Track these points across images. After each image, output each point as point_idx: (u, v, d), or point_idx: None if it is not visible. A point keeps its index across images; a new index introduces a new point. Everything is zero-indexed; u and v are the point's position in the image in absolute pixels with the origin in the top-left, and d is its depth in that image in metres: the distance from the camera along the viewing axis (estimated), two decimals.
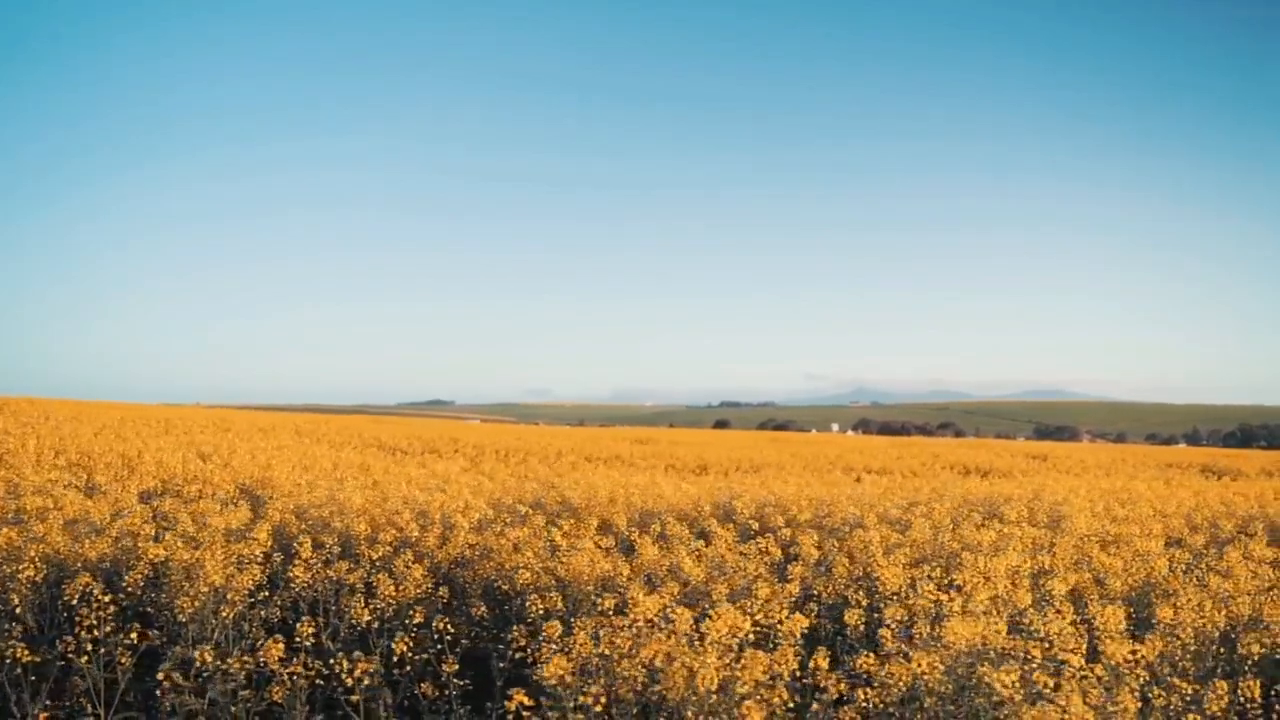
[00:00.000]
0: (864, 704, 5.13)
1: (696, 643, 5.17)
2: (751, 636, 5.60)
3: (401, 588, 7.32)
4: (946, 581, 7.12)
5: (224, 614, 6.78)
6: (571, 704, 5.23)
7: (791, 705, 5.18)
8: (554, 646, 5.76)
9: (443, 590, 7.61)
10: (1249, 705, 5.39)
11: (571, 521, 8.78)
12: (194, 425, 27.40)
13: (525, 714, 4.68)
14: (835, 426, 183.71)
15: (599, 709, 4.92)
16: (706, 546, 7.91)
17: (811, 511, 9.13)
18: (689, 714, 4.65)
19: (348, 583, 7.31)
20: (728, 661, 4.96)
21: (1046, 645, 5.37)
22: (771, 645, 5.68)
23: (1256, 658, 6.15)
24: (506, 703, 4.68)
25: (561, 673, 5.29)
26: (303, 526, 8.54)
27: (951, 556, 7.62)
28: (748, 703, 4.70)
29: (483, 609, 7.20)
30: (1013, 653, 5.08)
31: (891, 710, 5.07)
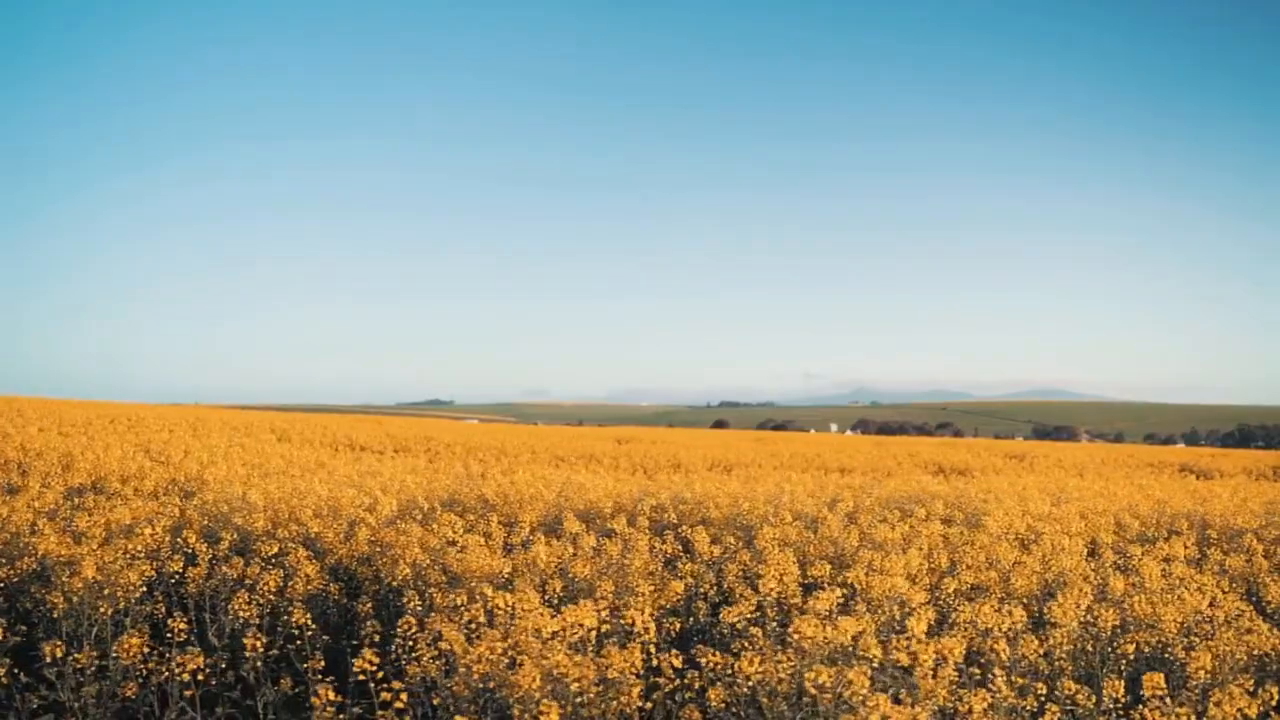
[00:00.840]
0: (716, 702, 5.04)
1: (547, 640, 5.09)
2: (605, 630, 5.53)
3: (291, 584, 7.26)
4: (839, 580, 7.02)
5: (103, 610, 6.68)
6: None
7: (643, 704, 5.10)
8: (409, 643, 5.68)
9: (334, 587, 7.52)
10: (1113, 704, 5.29)
11: (476, 517, 8.68)
12: (164, 424, 27.35)
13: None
14: (834, 426, 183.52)
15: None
16: (608, 543, 7.82)
17: (727, 509, 9.01)
18: (515, 711, 4.55)
19: (231, 578, 7.21)
20: (571, 658, 4.86)
21: (906, 645, 5.28)
22: (644, 642, 5.59)
23: (1131, 656, 6.06)
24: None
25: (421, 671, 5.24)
26: (204, 523, 8.44)
27: (849, 554, 7.51)
28: (570, 700, 4.61)
29: (368, 605, 7.10)
30: (861, 654, 4.97)
31: (734, 710, 4.97)
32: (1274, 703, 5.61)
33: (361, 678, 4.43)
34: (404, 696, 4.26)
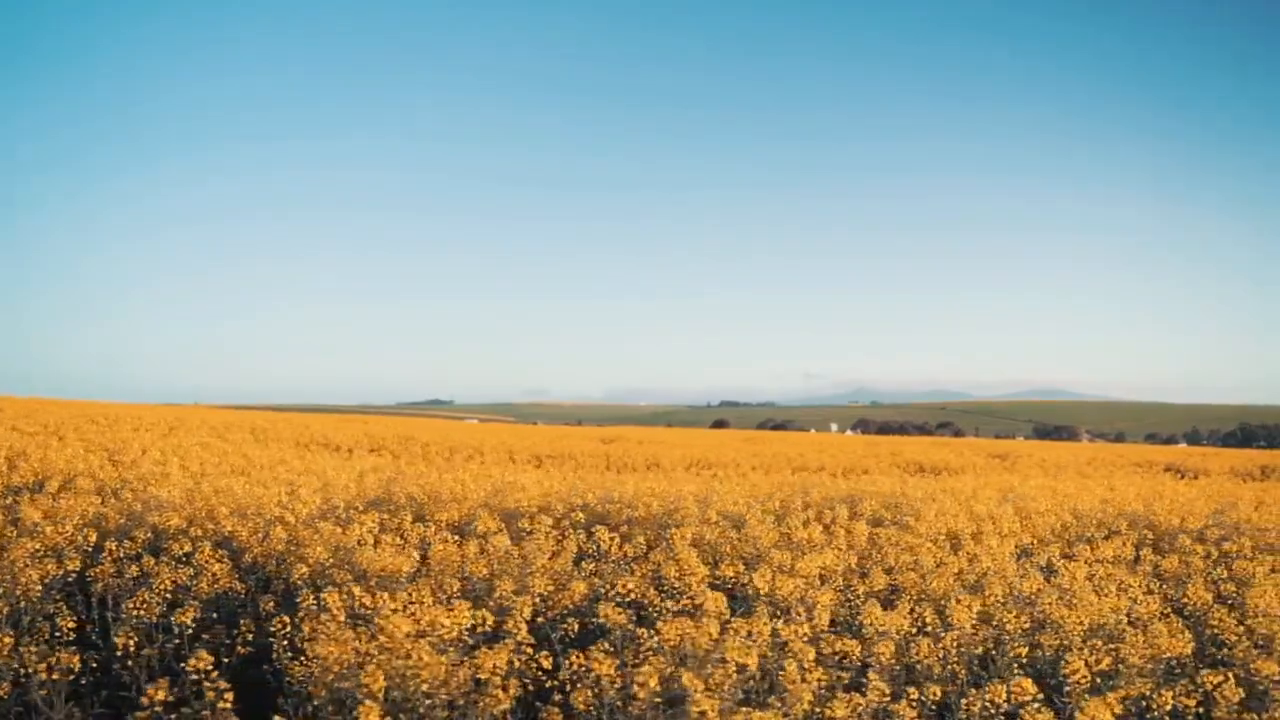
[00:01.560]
0: (581, 705, 4.95)
1: (410, 639, 5.00)
2: (487, 629, 5.44)
3: (197, 583, 7.19)
4: (743, 580, 6.93)
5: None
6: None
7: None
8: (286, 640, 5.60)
9: (240, 585, 7.44)
10: (993, 708, 5.20)
11: (393, 515, 8.59)
12: (141, 423, 27.29)
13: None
14: (834, 426, 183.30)
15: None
16: (524, 541, 7.74)
17: (655, 509, 8.92)
18: (359, 712, 4.46)
19: (133, 576, 7.14)
20: (429, 658, 4.77)
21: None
22: (520, 643, 5.51)
23: (1024, 660, 5.97)
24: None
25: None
26: (120, 521, 8.36)
27: (764, 555, 7.42)
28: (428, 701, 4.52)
29: (270, 603, 7.01)
30: (721, 658, 4.87)
31: (597, 712, 4.88)
32: (1168, 707, 5.54)
33: (195, 677, 4.33)
34: (229, 696, 4.17)
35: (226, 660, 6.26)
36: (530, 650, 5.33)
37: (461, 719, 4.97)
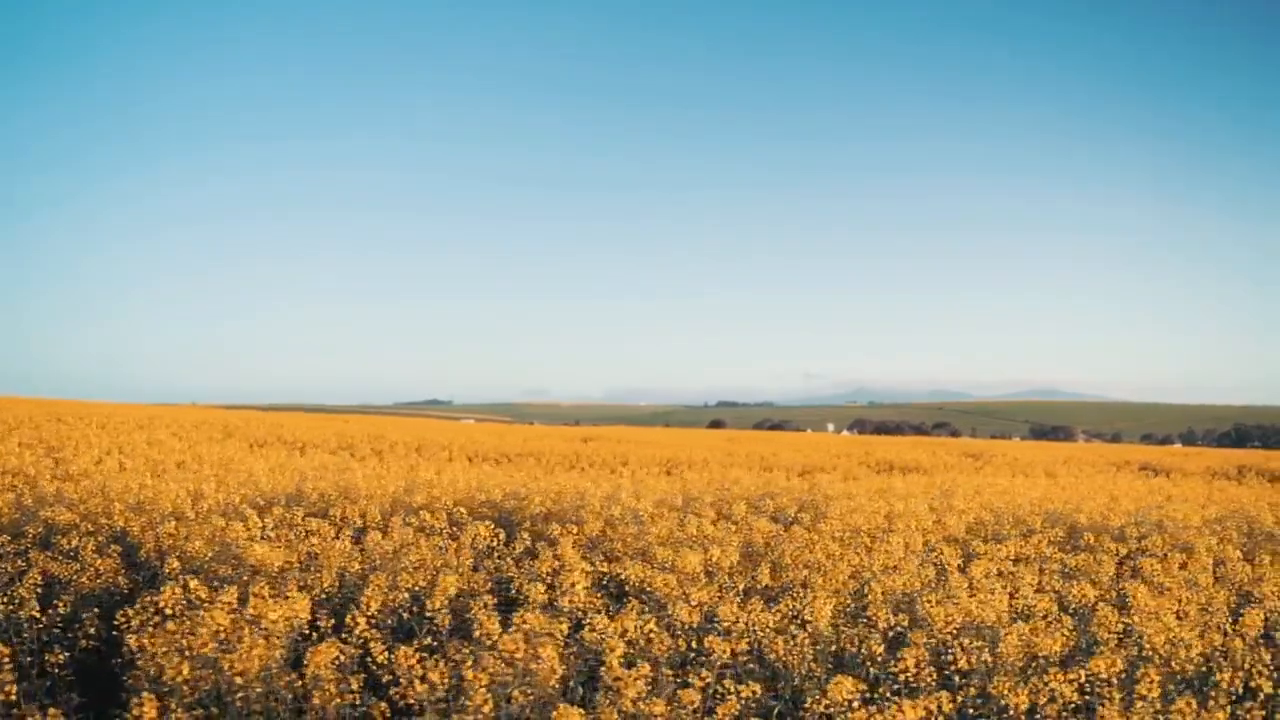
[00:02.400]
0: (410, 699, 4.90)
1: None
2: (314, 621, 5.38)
3: (79, 578, 7.15)
4: (616, 575, 6.89)
5: None
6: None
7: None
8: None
9: (123, 580, 7.38)
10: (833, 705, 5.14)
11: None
12: (110, 422, 27.33)
13: None
14: (831, 426, 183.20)
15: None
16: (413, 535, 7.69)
17: (553, 505, 8.87)
18: (170, 704, 4.41)
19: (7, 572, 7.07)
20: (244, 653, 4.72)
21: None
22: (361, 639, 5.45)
23: (880, 658, 5.91)
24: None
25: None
26: (15, 516, 8.31)
27: (651, 552, 7.37)
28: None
29: (146, 597, 6.94)
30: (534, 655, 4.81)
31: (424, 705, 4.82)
32: (1024, 707, 5.49)
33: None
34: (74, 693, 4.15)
35: (74, 652, 6.19)
36: (373, 645, 5.27)
37: (293, 714, 4.92)
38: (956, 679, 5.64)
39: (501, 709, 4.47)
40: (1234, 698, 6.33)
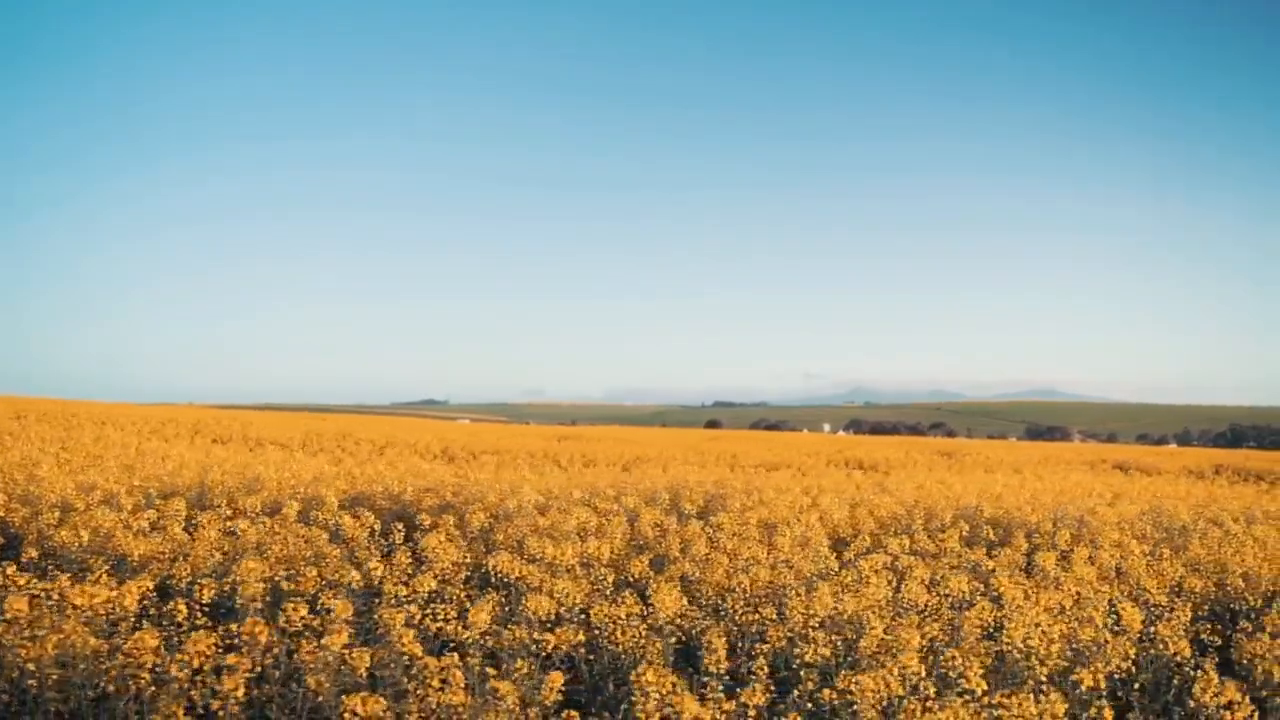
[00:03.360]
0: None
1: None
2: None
3: None
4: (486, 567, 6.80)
5: None
6: None
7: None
8: None
9: None
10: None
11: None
12: (71, 420, 27.28)
13: None
14: (827, 427, 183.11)
15: None
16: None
17: (451, 496, 8.78)
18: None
19: None
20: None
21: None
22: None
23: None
24: None
25: None
26: None
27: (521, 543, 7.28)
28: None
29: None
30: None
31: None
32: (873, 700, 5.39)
33: None
34: None
35: None
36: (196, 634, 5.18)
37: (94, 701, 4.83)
38: (802, 672, 5.55)
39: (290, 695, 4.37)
40: (1100, 694, 6.28)
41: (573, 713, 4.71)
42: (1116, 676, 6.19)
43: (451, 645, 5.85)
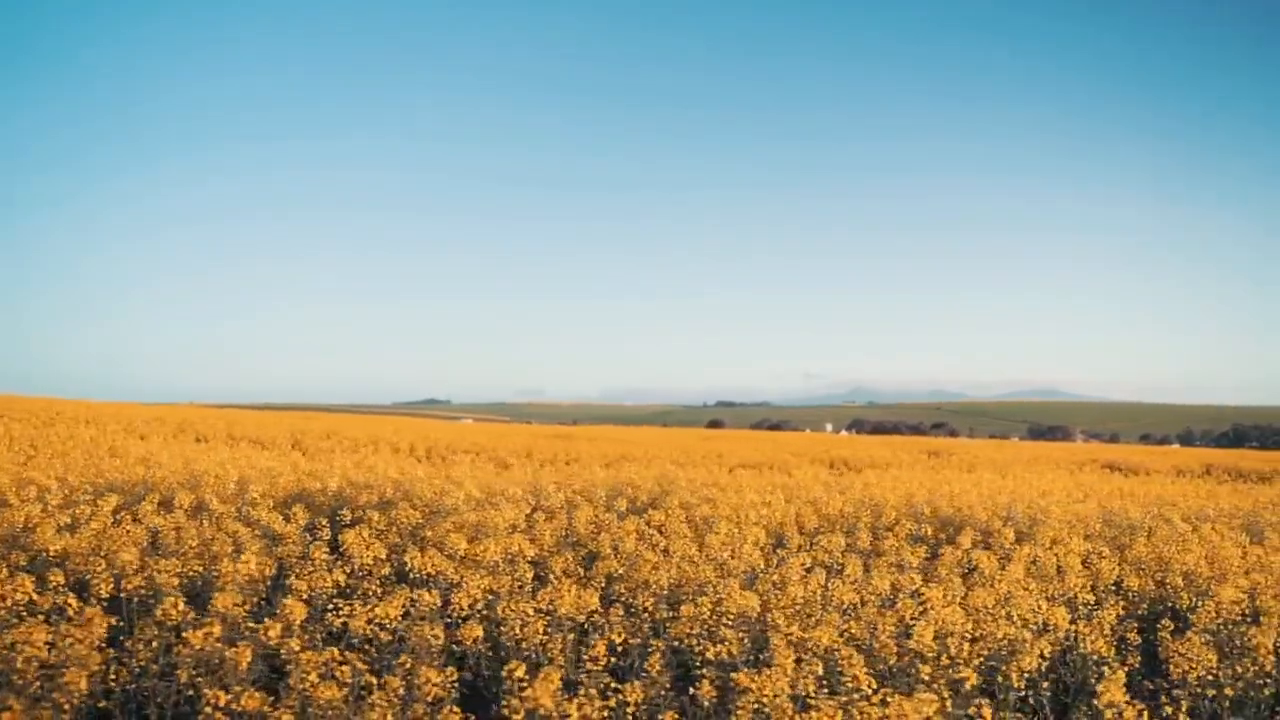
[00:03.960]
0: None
1: None
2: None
3: None
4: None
5: None
6: None
7: None
8: None
9: None
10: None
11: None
12: (55, 419, 27.37)
13: None
14: (829, 427, 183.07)
15: None
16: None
17: (388, 493, 8.76)
18: None
19: None
20: None
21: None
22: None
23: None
24: None
25: None
26: None
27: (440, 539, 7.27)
28: None
29: None
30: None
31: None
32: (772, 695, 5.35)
33: None
34: None
35: None
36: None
37: None
38: (704, 670, 5.51)
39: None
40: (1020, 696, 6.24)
41: (456, 709, 4.70)
42: (1029, 675, 6.15)
43: (358, 641, 5.84)
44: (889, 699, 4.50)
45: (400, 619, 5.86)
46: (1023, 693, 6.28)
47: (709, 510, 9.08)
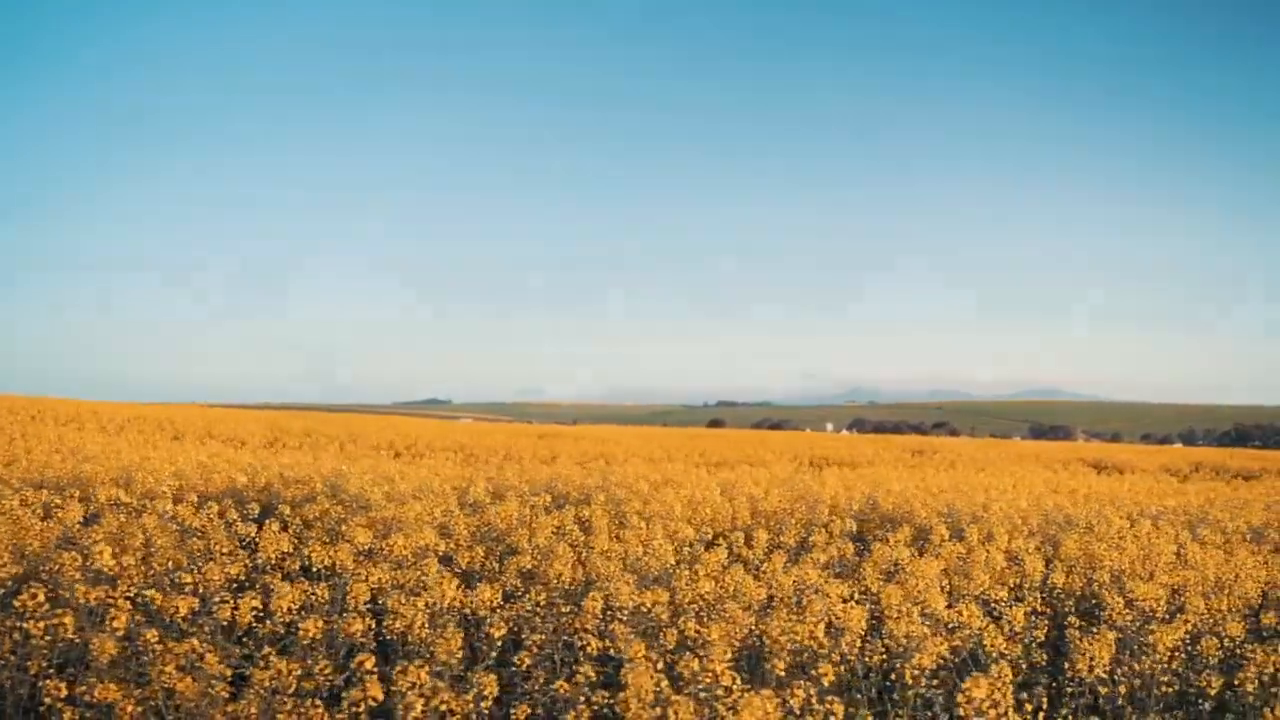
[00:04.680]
0: None
1: None
2: None
3: None
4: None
5: None
6: None
7: None
8: None
9: None
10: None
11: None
12: (40, 415, 27.61)
13: None
14: (830, 426, 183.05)
15: None
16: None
17: (317, 488, 8.77)
18: None
19: None
20: None
21: None
22: None
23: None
24: None
25: None
26: None
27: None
28: None
29: None
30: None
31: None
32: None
33: None
34: None
35: None
36: None
37: None
38: (586, 666, 5.50)
39: None
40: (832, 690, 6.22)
41: (318, 701, 4.69)
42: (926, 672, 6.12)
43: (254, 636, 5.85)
44: (740, 695, 4.48)
45: (298, 612, 5.87)
46: (925, 691, 6.26)
47: (639, 506, 9.07)
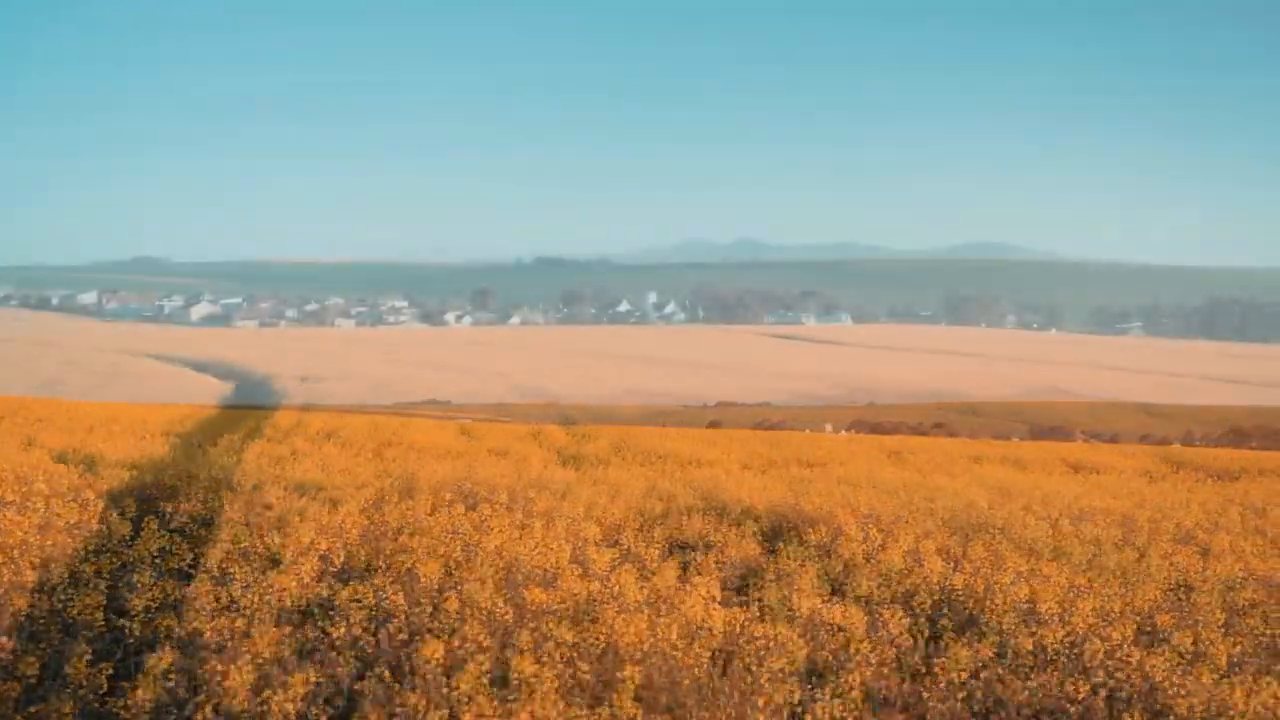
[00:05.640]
0: None
1: None
2: None
3: None
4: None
5: None
6: None
7: None
8: None
9: None
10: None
11: None
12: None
13: None
14: (829, 427, 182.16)
15: None
16: None
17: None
18: None
19: None
20: None
21: None
22: None
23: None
24: None
25: None
26: None
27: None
28: None
29: None
30: None
31: None
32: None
33: None
34: None
35: None
36: None
37: None
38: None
39: None
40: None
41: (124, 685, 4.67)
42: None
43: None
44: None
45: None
46: (794, 696, 6.17)
47: (543, 506, 9.00)
